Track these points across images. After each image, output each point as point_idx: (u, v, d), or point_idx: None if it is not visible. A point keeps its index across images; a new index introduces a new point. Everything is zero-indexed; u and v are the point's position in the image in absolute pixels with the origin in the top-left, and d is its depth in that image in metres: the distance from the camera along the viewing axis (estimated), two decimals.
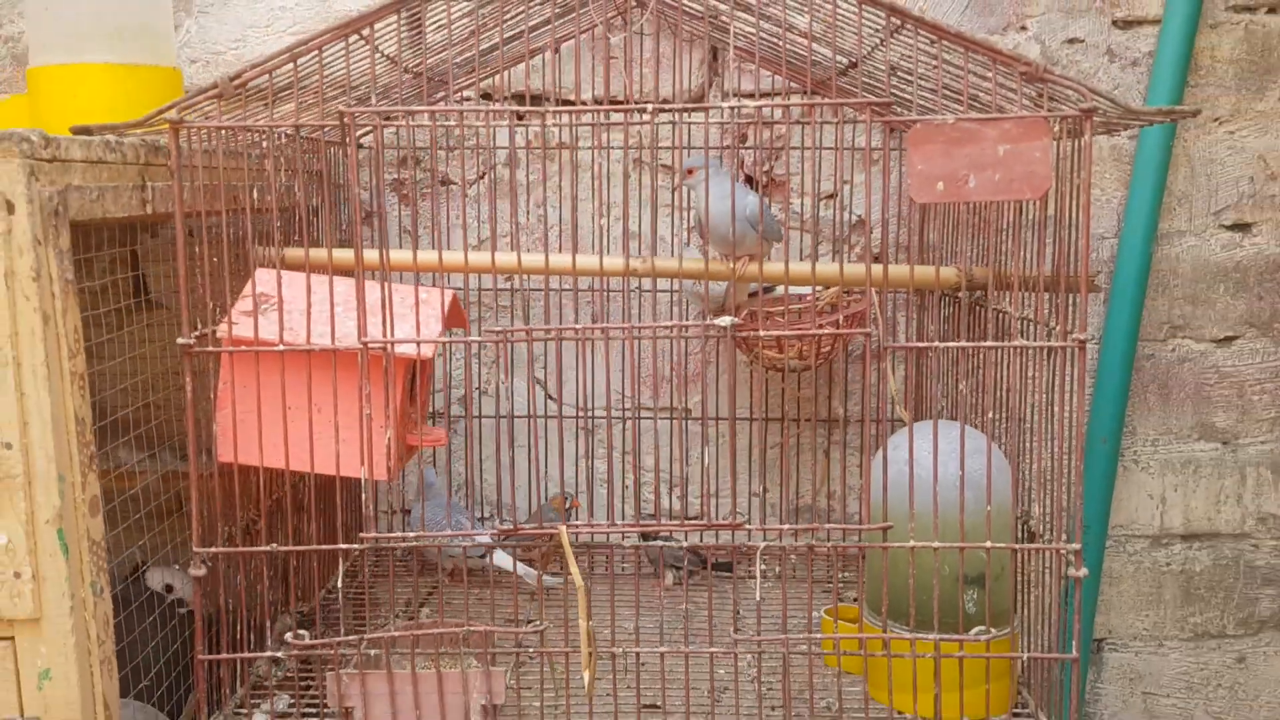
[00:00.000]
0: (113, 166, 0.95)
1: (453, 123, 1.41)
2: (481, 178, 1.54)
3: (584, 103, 1.50)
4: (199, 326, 1.01)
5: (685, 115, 1.45)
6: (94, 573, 0.88)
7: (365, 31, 1.04)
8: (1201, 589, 1.59)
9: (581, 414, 1.48)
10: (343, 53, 1.06)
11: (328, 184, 1.37)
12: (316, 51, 1.01)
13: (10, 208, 0.82)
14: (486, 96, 1.53)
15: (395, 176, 1.56)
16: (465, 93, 1.51)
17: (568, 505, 1.41)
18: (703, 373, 1.54)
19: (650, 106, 0.94)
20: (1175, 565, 1.59)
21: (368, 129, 1.48)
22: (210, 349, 1.01)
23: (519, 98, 1.53)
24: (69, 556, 0.85)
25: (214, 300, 1.02)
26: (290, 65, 1.00)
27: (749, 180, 1.52)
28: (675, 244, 1.51)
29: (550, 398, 1.56)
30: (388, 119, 1.43)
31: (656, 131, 1.45)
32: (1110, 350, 1.50)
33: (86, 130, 0.96)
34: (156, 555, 1.30)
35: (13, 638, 0.86)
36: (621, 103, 1.45)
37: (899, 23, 1.02)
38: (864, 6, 1.01)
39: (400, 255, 1.14)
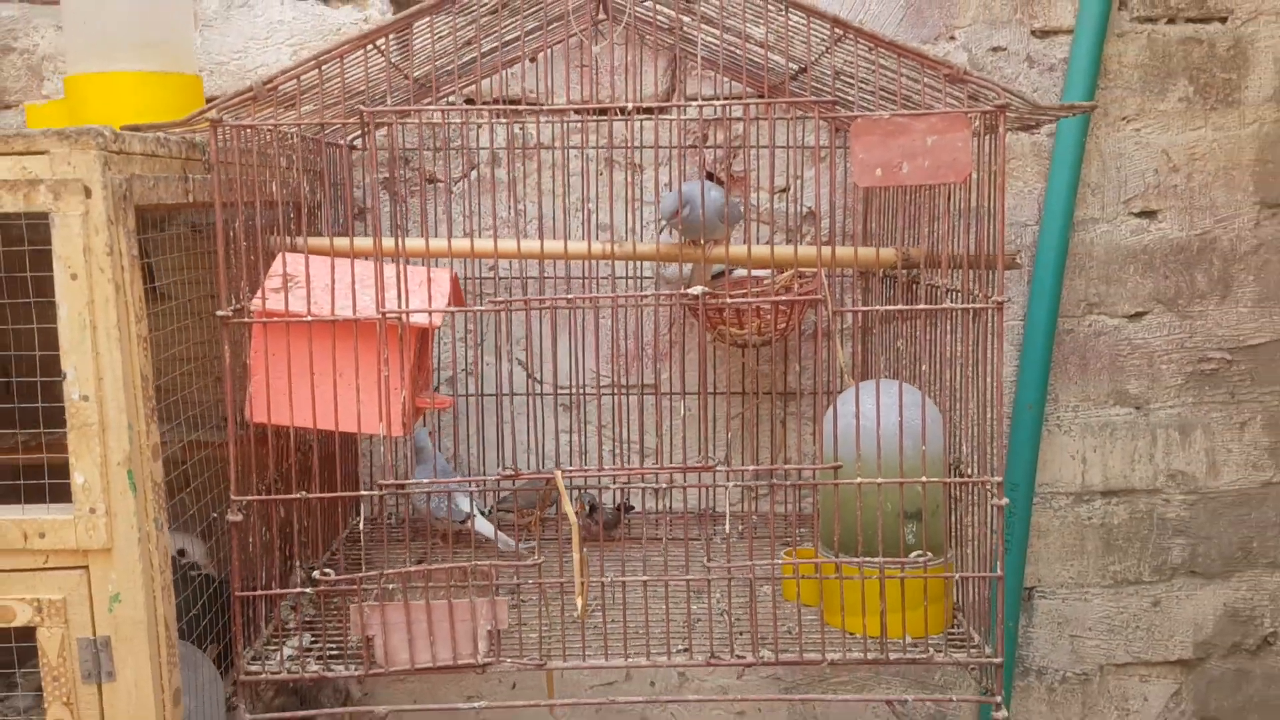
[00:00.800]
0: (162, 159, 1.09)
1: (459, 120, 1.55)
2: (465, 176, 1.69)
3: (550, 108, 1.65)
4: (234, 301, 1.15)
5: (655, 115, 1.61)
6: (156, 510, 1.02)
7: (380, 42, 1.19)
8: (1120, 540, 1.77)
9: (562, 391, 1.63)
10: (350, 62, 1.20)
11: (327, 181, 1.52)
12: (339, 59, 1.15)
13: (88, 192, 0.96)
14: (469, 101, 1.68)
15: (385, 175, 1.70)
16: (449, 98, 1.66)
17: (589, 510, 1.53)
18: (670, 352, 1.70)
19: (630, 106, 1.10)
20: (1096, 519, 1.77)
21: (358, 133, 1.63)
22: (246, 320, 1.15)
23: (499, 102, 1.68)
24: (137, 494, 0.99)
25: (248, 278, 1.16)
26: (315, 71, 1.15)
27: (709, 176, 1.68)
28: (645, 234, 1.66)
29: (532, 377, 1.71)
30: (404, 117, 1.57)
31: (632, 129, 1.61)
32: (1034, 326, 1.68)
33: (136, 129, 1.10)
34: (172, 524, 1.43)
35: (87, 566, 0.99)
36: (601, 106, 1.60)
37: (841, 32, 1.19)
38: (811, 18, 1.18)
39: (414, 243, 1.29)
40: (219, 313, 1.13)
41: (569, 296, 1.13)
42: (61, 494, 1.00)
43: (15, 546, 0.98)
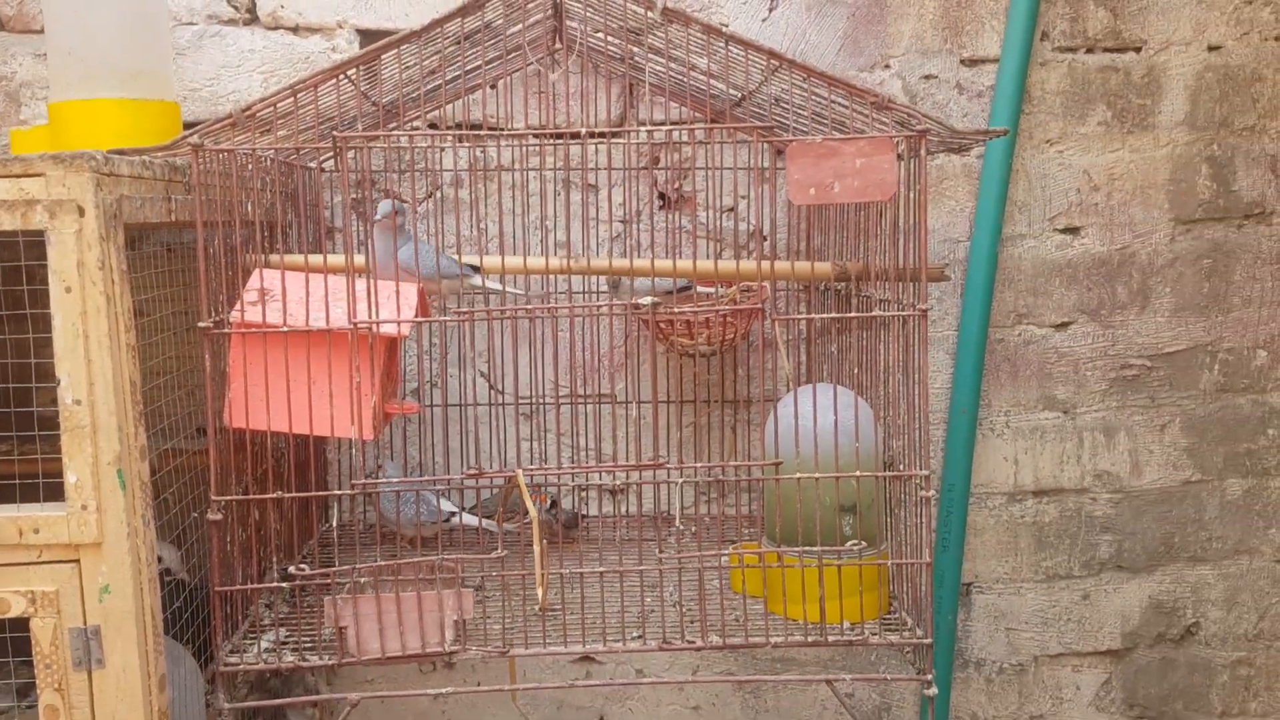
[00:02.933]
0: (147, 181, 1.17)
1: (425, 144, 1.64)
2: (429, 196, 1.77)
3: (511, 132, 1.74)
4: (214, 313, 1.23)
5: (608, 139, 1.71)
6: (143, 507, 1.09)
7: (351, 73, 1.27)
8: (1051, 537, 1.88)
9: (522, 401, 1.72)
10: (322, 90, 1.29)
11: (302, 201, 1.60)
12: (313, 88, 1.24)
13: (81, 211, 1.03)
14: (433, 126, 1.77)
15: (355, 196, 1.78)
16: (414, 123, 1.74)
17: (550, 505, 1.62)
18: (625, 363, 1.79)
19: (583, 131, 1.19)
20: (1028, 517, 1.87)
21: (328, 155, 1.72)
22: (226, 330, 1.23)
23: (462, 127, 1.77)
24: (126, 492, 1.06)
25: (226, 292, 1.24)
26: (291, 99, 1.23)
27: (665, 197, 1.78)
28: (600, 250, 1.75)
29: (494, 388, 1.79)
30: (373, 141, 1.65)
31: (586, 152, 1.71)
32: (967, 335, 1.79)
33: (122, 153, 1.18)
34: None
35: (78, 560, 1.07)
36: (559, 131, 1.69)
37: (776, 64, 1.29)
38: (750, 51, 1.28)
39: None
40: (200, 324, 1.20)
41: (528, 307, 1.22)
42: (52, 495, 1.07)
43: (10, 542, 1.05)
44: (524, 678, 1.81)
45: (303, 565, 1.24)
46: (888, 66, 1.79)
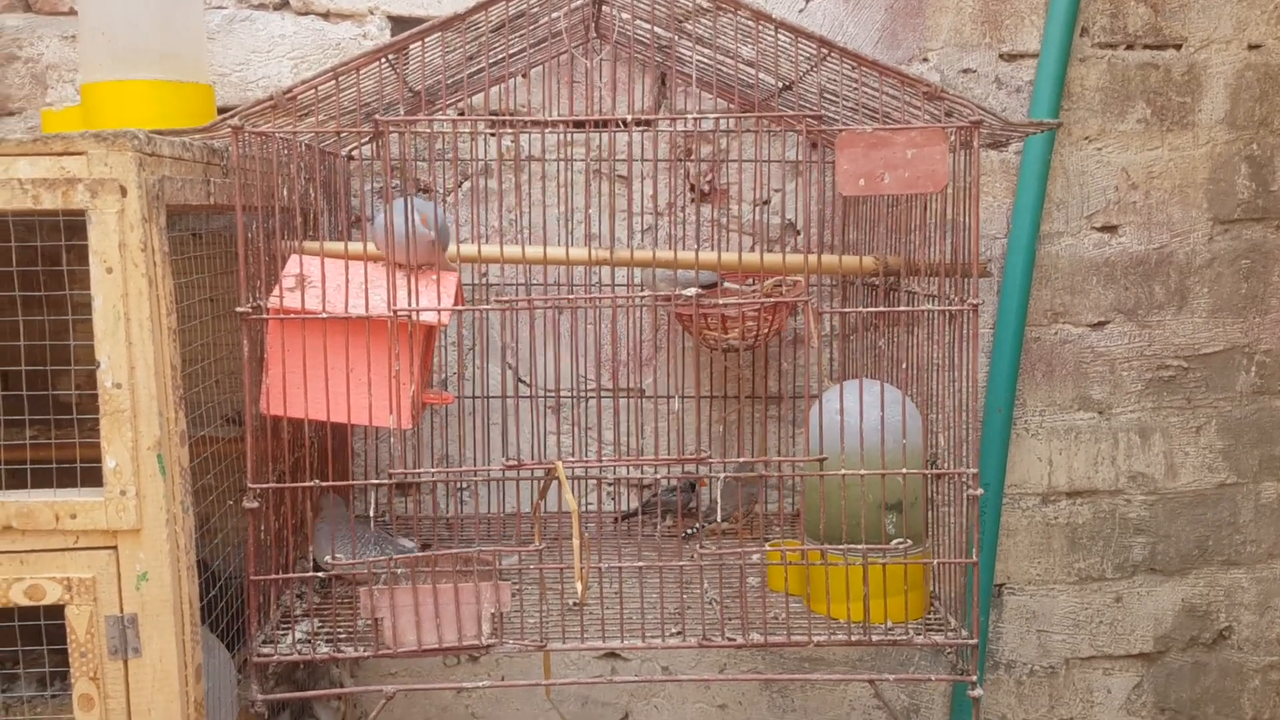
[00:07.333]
0: (187, 163, 1.15)
1: (467, 130, 1.61)
2: (459, 186, 1.75)
3: (551, 120, 1.72)
4: (252, 299, 1.21)
5: (652, 127, 1.69)
6: (183, 493, 1.07)
7: (392, 57, 1.25)
8: (1084, 539, 1.85)
9: (551, 394, 1.70)
10: (363, 75, 1.26)
11: (332, 188, 1.58)
12: (354, 71, 1.21)
13: (124, 191, 1.01)
14: (460, 114, 1.74)
15: (382, 184, 1.75)
16: (446, 110, 1.72)
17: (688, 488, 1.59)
18: (654, 357, 1.77)
19: (629, 118, 1.17)
20: (1062, 519, 1.85)
21: (355, 144, 1.69)
22: (264, 316, 1.21)
23: (499, 114, 1.74)
24: (165, 477, 1.04)
25: (264, 277, 1.22)
26: (332, 82, 1.21)
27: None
28: (632, 242, 1.73)
29: (521, 381, 1.77)
30: (411, 127, 1.63)
31: (627, 140, 1.68)
32: (1003, 333, 1.76)
33: (160, 133, 1.16)
34: None
35: (116, 546, 1.04)
36: (603, 118, 1.67)
37: (826, 51, 1.27)
38: (799, 38, 1.26)
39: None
40: (238, 309, 1.18)
41: (570, 296, 1.20)
42: (87, 481, 1.05)
43: (47, 527, 1.03)
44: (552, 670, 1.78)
45: (339, 555, 1.21)
46: (925, 60, 1.77)
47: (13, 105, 1.75)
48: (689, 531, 1.46)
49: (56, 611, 1.06)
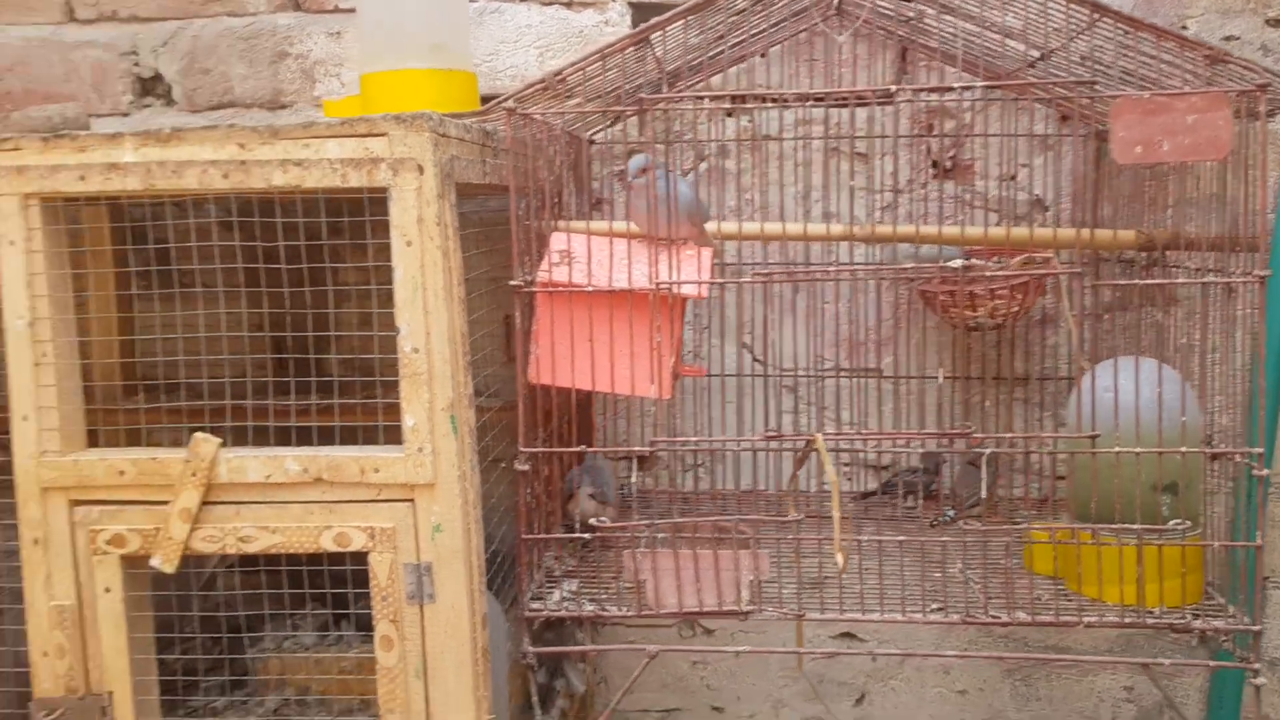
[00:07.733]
0: (468, 144, 1.21)
1: (727, 107, 1.63)
2: (695, 167, 1.78)
3: (787, 99, 1.73)
4: (523, 274, 1.27)
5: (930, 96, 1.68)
6: (471, 452, 1.14)
7: (655, 37, 1.29)
8: None
9: (787, 373, 1.71)
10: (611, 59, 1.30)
11: (579, 170, 1.63)
12: (619, 53, 1.26)
13: (421, 170, 1.08)
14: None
15: (621, 168, 1.80)
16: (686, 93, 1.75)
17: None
18: (894, 336, 1.75)
19: (910, 90, 1.17)
20: None
21: (600, 127, 1.75)
22: (534, 289, 1.27)
23: (732, 96, 1.76)
24: (457, 436, 1.11)
25: (532, 254, 1.28)
26: (599, 63, 1.25)
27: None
28: (871, 218, 1.72)
29: (756, 360, 1.78)
30: (675, 103, 1.67)
31: (867, 117, 1.67)
32: (1274, 312, 1.65)
33: (447, 117, 1.23)
34: None
35: (413, 500, 1.12)
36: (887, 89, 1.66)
37: (1098, 16, 1.23)
38: (1070, 4, 1.23)
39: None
40: (511, 282, 1.24)
41: (825, 266, 1.20)
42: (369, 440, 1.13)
43: (353, 479, 1.12)
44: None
45: (603, 518, 1.26)
46: (1184, 28, 1.68)
47: (285, 99, 1.89)
48: (947, 515, 1.44)
49: (337, 560, 1.15)
